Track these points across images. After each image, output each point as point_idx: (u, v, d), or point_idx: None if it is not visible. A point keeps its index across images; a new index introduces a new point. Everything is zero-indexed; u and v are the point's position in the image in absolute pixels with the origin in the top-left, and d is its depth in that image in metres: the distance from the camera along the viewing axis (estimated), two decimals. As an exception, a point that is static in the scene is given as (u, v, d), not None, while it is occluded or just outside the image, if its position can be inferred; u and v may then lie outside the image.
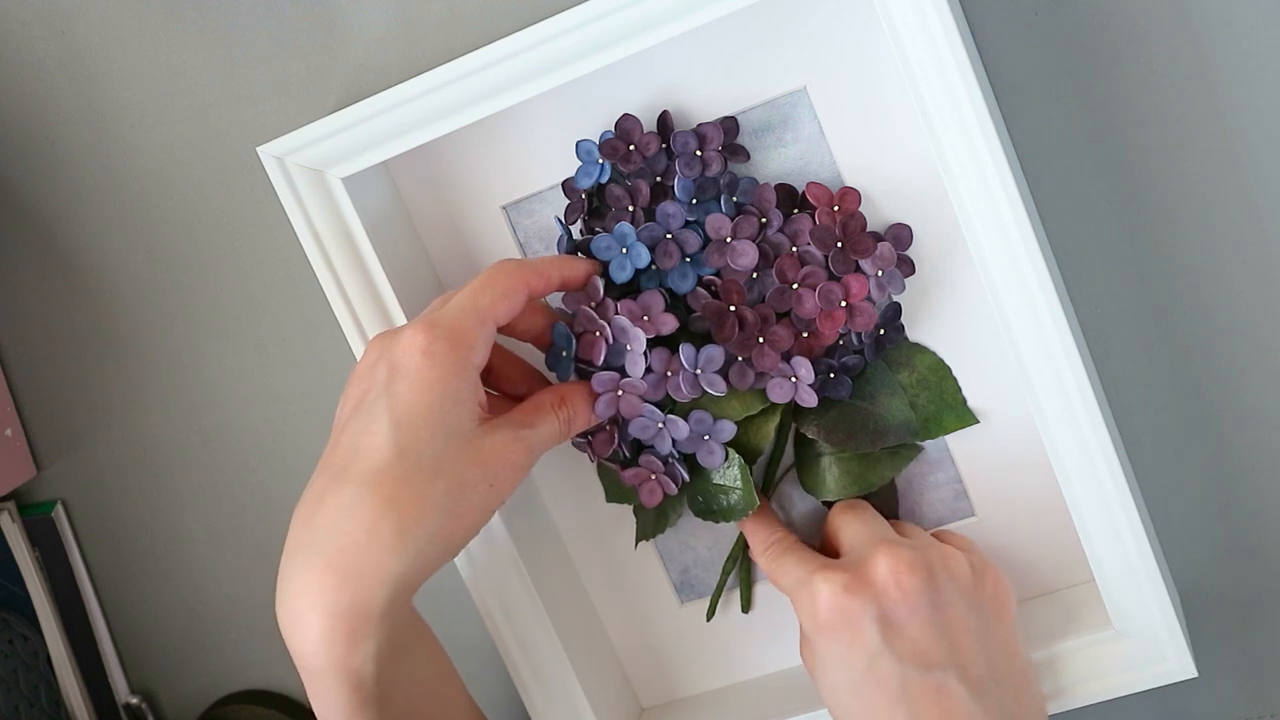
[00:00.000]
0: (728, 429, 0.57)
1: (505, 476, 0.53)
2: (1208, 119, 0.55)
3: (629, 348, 0.56)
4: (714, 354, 0.56)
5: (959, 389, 0.58)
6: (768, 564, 0.57)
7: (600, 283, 0.57)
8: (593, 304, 0.57)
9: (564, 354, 0.58)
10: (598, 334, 0.57)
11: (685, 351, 0.56)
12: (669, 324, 0.56)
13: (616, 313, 0.56)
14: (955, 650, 0.52)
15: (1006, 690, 0.53)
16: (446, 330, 0.52)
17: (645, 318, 0.56)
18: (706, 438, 0.58)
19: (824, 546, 0.59)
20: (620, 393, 0.57)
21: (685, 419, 0.57)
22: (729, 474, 0.58)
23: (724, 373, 0.57)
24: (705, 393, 0.56)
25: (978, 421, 0.59)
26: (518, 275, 0.54)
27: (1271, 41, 0.53)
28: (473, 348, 0.53)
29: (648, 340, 0.56)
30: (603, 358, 0.56)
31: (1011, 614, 0.55)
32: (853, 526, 0.57)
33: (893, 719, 0.51)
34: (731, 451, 0.58)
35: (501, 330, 0.56)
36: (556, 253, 0.59)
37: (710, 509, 0.59)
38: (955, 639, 0.53)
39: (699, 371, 0.56)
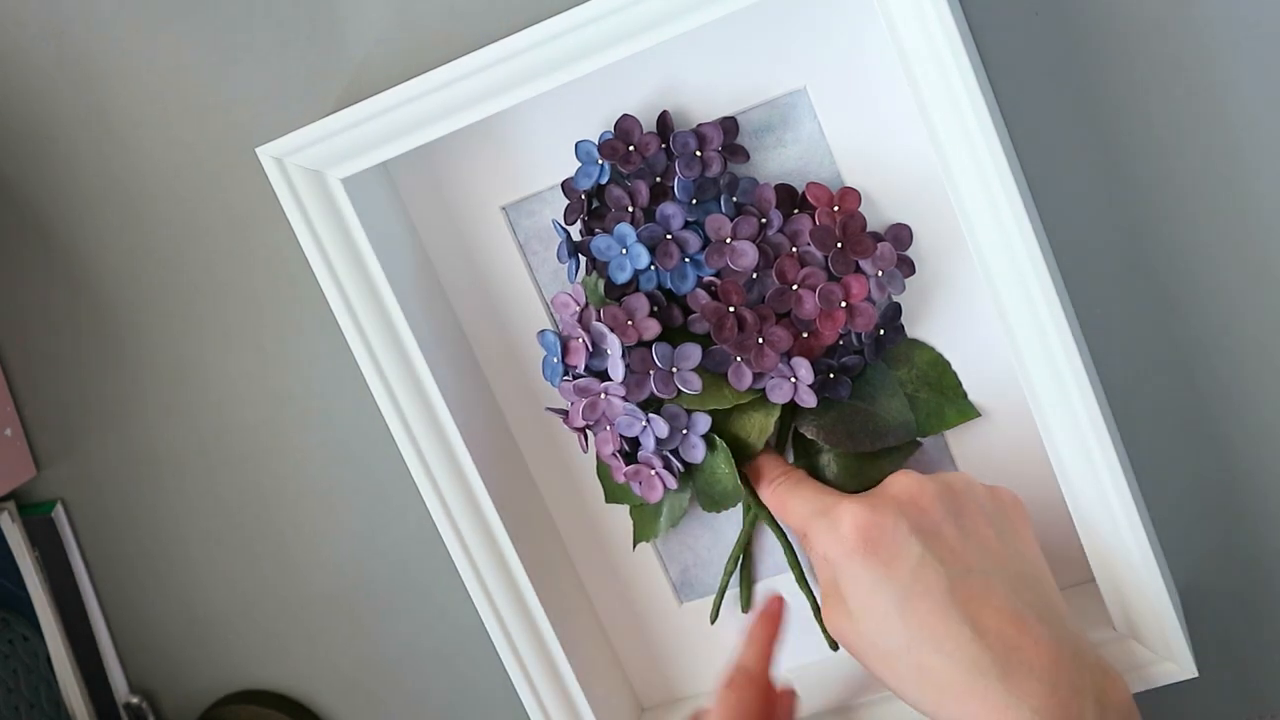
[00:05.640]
0: (703, 422, 0.58)
1: None
2: (1208, 119, 0.54)
3: (609, 353, 0.57)
4: (691, 351, 0.56)
5: (959, 382, 0.58)
6: (779, 495, 0.57)
7: (583, 291, 0.57)
8: (576, 311, 0.57)
9: (553, 360, 0.58)
10: (579, 340, 0.57)
11: (659, 350, 0.56)
12: (651, 329, 0.57)
13: (598, 319, 0.57)
14: (989, 553, 0.52)
15: (1040, 590, 0.52)
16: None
17: (629, 322, 0.57)
18: (685, 432, 0.58)
19: None
20: (603, 395, 0.57)
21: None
22: (717, 459, 0.59)
23: (716, 370, 0.57)
24: (681, 391, 0.57)
25: (979, 414, 0.59)
26: None
27: (1272, 41, 0.53)
28: None
29: (639, 341, 0.57)
30: (584, 363, 0.57)
31: (1028, 525, 0.54)
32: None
33: (946, 623, 0.49)
34: (714, 439, 0.58)
35: None
36: (556, 254, 0.59)
37: (714, 500, 0.60)
38: (985, 544, 0.52)
39: (675, 370, 0.56)
